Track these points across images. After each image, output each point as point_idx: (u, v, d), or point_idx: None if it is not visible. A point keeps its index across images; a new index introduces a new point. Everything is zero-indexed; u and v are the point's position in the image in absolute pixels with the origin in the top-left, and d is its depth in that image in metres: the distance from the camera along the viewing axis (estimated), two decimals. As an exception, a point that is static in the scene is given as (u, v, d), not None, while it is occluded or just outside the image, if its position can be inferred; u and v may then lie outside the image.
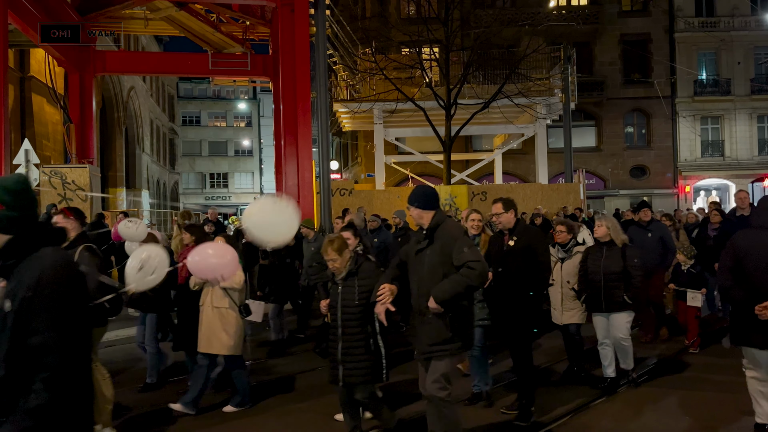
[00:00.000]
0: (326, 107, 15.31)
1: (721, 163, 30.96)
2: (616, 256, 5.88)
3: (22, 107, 19.64)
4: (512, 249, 5.14)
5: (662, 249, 7.84)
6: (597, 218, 6.19)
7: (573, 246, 6.34)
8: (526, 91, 20.10)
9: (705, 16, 30.89)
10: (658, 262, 7.83)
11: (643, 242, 7.71)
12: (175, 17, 19.04)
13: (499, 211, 5.21)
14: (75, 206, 14.94)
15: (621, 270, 5.80)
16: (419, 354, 4.24)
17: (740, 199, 8.33)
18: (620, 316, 5.84)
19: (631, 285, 5.79)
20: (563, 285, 6.24)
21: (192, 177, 55.68)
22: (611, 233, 5.98)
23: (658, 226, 8.07)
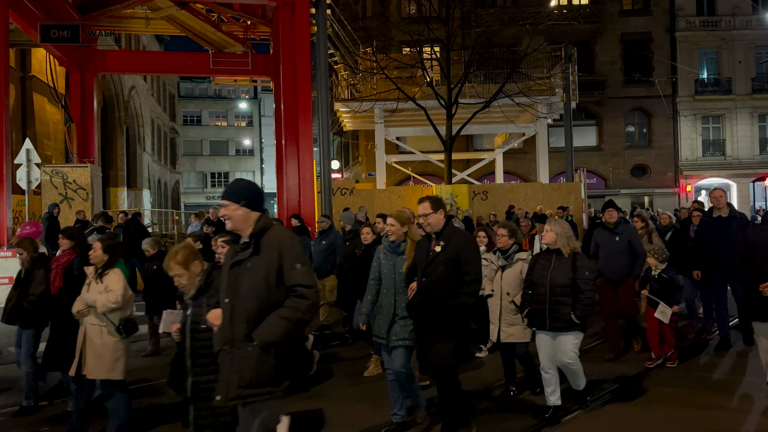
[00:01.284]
0: (327, 106, 15.33)
1: (722, 163, 30.94)
2: (566, 266, 5.06)
3: (23, 107, 19.67)
4: (438, 255, 4.41)
5: (631, 254, 7.05)
6: (547, 221, 5.31)
7: (514, 252, 5.65)
8: (527, 91, 20.10)
9: (706, 15, 30.87)
10: (627, 269, 7.07)
11: (610, 247, 7.13)
12: (175, 17, 19.04)
13: (427, 211, 4.48)
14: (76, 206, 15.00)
15: (569, 283, 5.01)
16: (225, 400, 3.23)
17: (716, 199, 7.43)
18: (566, 338, 5.06)
19: (579, 302, 4.98)
20: (503, 297, 5.56)
21: (193, 176, 55.71)
22: (560, 239, 5.14)
23: (626, 228, 7.26)
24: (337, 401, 5.82)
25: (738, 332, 7.75)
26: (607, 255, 7.12)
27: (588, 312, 5.02)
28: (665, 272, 6.72)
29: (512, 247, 5.66)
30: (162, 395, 5.99)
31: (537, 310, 5.12)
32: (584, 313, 5.00)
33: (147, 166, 34.38)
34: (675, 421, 5.21)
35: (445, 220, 4.54)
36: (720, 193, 7.52)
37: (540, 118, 22.11)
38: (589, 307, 5.01)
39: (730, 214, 7.30)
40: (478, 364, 7.05)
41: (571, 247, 5.13)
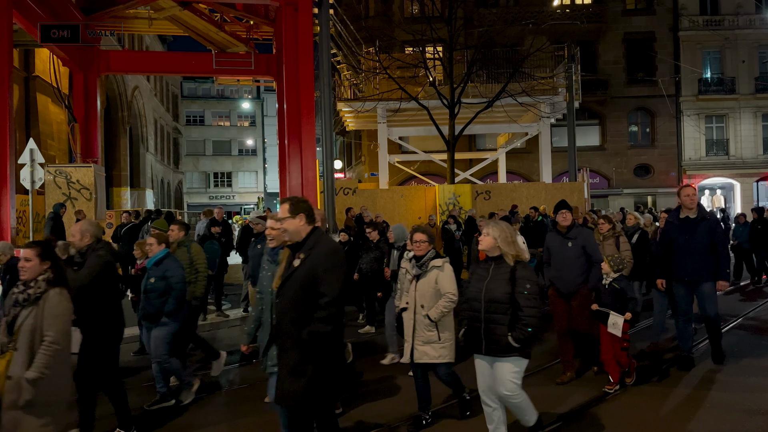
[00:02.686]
0: (330, 106, 15.33)
1: (725, 162, 30.87)
2: (504, 277, 4.23)
3: (26, 107, 19.71)
4: (295, 271, 3.55)
5: (586, 263, 6.21)
6: (485, 224, 4.50)
7: (429, 259, 4.97)
8: (529, 90, 20.08)
9: (709, 14, 30.81)
10: (581, 280, 6.21)
11: (562, 254, 6.29)
12: (179, 17, 19.05)
13: (283, 215, 3.61)
14: (79, 206, 15.03)
15: (507, 298, 4.19)
16: None
17: (687, 197, 6.53)
18: (504, 365, 4.24)
19: (518, 321, 4.16)
20: (417, 310, 4.89)
21: (196, 176, 55.79)
22: (500, 245, 4.31)
23: (581, 233, 6.33)
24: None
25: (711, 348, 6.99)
26: (559, 263, 6.31)
27: (528, 334, 4.13)
28: (617, 282, 6.00)
29: (428, 253, 4.98)
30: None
31: (472, 329, 4.32)
32: (524, 336, 4.12)
33: (150, 166, 34.44)
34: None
35: (311, 228, 3.62)
36: (691, 191, 6.65)
37: (543, 117, 22.08)
38: (530, 328, 4.13)
39: (699, 215, 6.55)
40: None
41: (514, 254, 4.27)
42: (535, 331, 4.16)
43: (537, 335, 4.28)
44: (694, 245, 6.43)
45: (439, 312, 4.82)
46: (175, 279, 5.86)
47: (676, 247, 6.58)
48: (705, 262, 6.45)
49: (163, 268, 5.87)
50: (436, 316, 4.82)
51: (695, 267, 6.47)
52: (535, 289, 4.21)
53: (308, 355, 3.46)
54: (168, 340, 5.84)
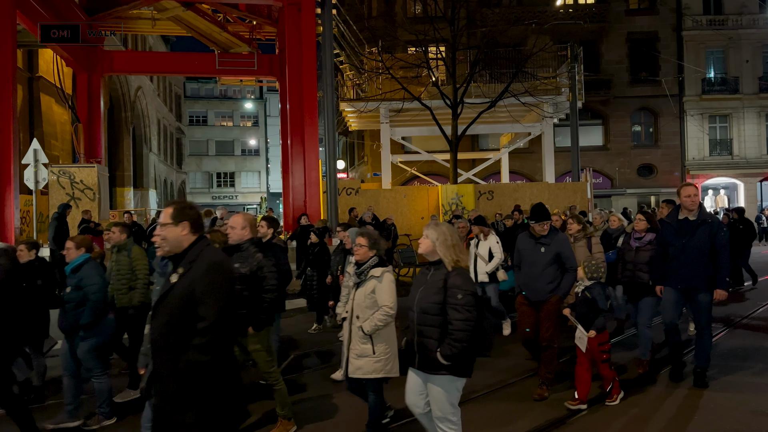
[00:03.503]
0: (333, 106, 15.34)
1: (729, 162, 30.80)
2: (438, 285, 3.81)
3: (30, 107, 19.77)
4: (172, 290, 2.97)
5: (558, 269, 5.77)
6: (426, 226, 4.08)
7: (369, 268, 4.51)
8: (532, 90, 20.07)
9: (713, 14, 30.75)
10: (552, 288, 5.74)
11: (533, 259, 5.82)
12: (182, 17, 19.10)
13: (166, 221, 3.06)
14: (83, 206, 15.06)
15: (438, 309, 3.78)
16: None
17: (688, 198, 5.88)
18: (436, 385, 3.82)
19: (448, 335, 3.71)
20: (353, 321, 4.50)
21: (199, 176, 55.88)
22: (438, 249, 3.89)
23: (556, 238, 5.84)
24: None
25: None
26: (529, 270, 5.84)
27: (457, 350, 3.67)
28: (590, 290, 5.51)
29: (369, 260, 4.53)
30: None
31: (408, 341, 3.96)
32: (452, 352, 3.67)
33: (153, 166, 34.51)
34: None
35: (194, 238, 3.06)
36: (692, 191, 5.91)
37: (546, 117, 22.06)
38: (461, 343, 3.67)
39: (699, 216, 5.89)
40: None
41: (453, 260, 3.84)
42: (467, 346, 3.68)
43: (485, 351, 3.86)
44: (691, 250, 5.83)
45: (373, 325, 4.38)
46: (92, 289, 5.27)
47: (672, 251, 5.98)
48: (702, 269, 5.83)
49: (80, 277, 5.32)
50: (370, 329, 4.38)
51: (690, 274, 5.86)
52: (468, 300, 3.72)
53: (186, 387, 2.89)
54: (93, 355, 5.32)
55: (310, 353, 7.88)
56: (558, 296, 5.73)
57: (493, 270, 8.14)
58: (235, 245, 4.99)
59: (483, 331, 3.83)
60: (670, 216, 6.18)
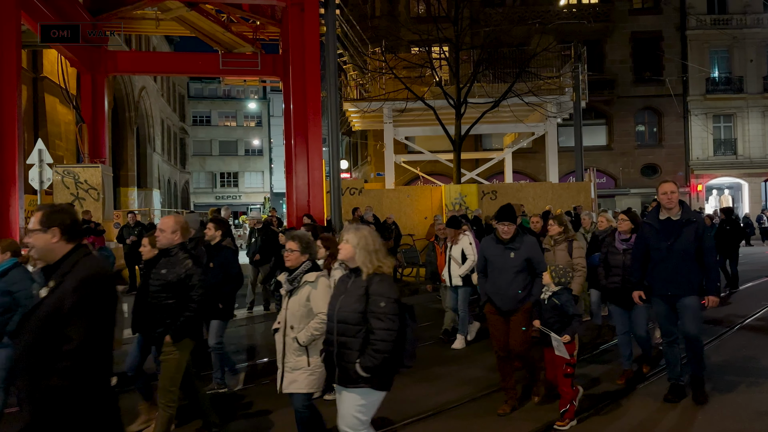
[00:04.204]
0: (336, 106, 15.35)
1: (733, 162, 30.72)
2: (359, 293, 3.55)
3: (35, 107, 19.83)
4: (39, 306, 2.62)
5: (529, 276, 5.45)
6: (344, 229, 3.88)
7: (302, 273, 4.17)
8: (536, 90, 20.06)
9: (717, 13, 30.67)
10: (523, 295, 5.40)
11: (500, 265, 5.46)
12: (185, 17, 19.12)
13: (34, 227, 2.75)
14: (87, 206, 15.12)
15: (359, 318, 3.50)
16: None
17: (665, 195, 5.41)
18: (349, 397, 3.56)
19: (369, 345, 3.45)
20: (286, 332, 4.15)
21: (202, 176, 55.99)
22: (359, 255, 3.60)
23: (525, 241, 5.48)
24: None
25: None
26: (497, 277, 5.48)
27: (379, 361, 3.41)
28: (558, 296, 5.14)
29: (301, 266, 4.18)
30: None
31: (328, 353, 3.67)
32: (373, 363, 3.41)
33: (157, 166, 34.58)
34: None
35: (70, 247, 2.71)
36: (669, 188, 5.44)
37: (549, 117, 22.05)
38: (382, 354, 3.41)
39: (683, 216, 5.42)
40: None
41: (374, 266, 3.56)
42: (389, 357, 3.42)
43: (408, 362, 3.59)
44: (677, 253, 5.35)
45: (309, 335, 4.07)
46: (22, 294, 4.91)
47: (656, 254, 5.47)
48: (690, 273, 5.37)
49: (9, 281, 4.98)
50: (305, 340, 4.07)
51: (678, 279, 5.38)
52: (391, 308, 3.45)
53: (41, 417, 2.51)
54: (7, 365, 4.94)
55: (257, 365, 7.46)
56: (530, 304, 5.37)
57: (467, 273, 7.82)
58: (166, 249, 4.61)
59: (406, 340, 3.57)
60: (651, 216, 5.65)
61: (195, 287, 4.55)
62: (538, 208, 16.69)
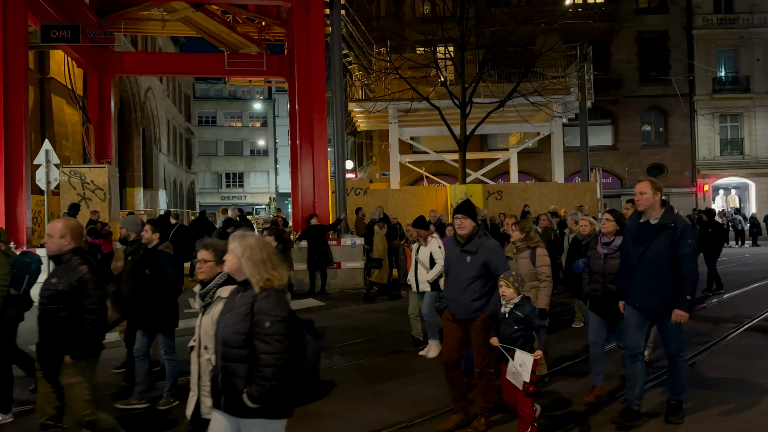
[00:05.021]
0: (341, 107, 15.37)
1: (740, 162, 30.58)
2: (243, 310, 3.06)
3: (41, 108, 19.93)
4: None
5: (487, 283, 4.88)
6: (231, 237, 3.26)
7: (216, 287, 3.53)
8: (541, 90, 20.03)
9: (724, 12, 30.54)
10: (479, 304, 4.85)
11: (456, 270, 4.94)
12: (191, 18, 19.19)
13: None
14: (94, 206, 15.18)
15: (242, 341, 3.00)
16: None
17: (636, 194, 4.96)
18: (250, 428, 3.07)
19: (255, 372, 2.96)
20: (200, 352, 3.58)
21: (208, 177, 56.12)
22: (245, 266, 3.09)
23: (483, 245, 4.88)
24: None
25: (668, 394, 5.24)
26: (453, 282, 4.99)
27: (266, 390, 2.92)
28: (521, 308, 4.63)
29: (215, 278, 3.61)
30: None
31: (213, 377, 3.22)
32: (262, 392, 2.93)
33: (163, 166, 34.69)
34: None
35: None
36: (642, 187, 4.91)
37: (555, 117, 22.00)
38: (270, 381, 2.91)
39: (660, 219, 4.87)
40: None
41: (265, 278, 3.04)
42: (278, 384, 2.93)
43: (308, 383, 3.19)
44: (649, 260, 4.84)
45: None
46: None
47: (631, 260, 5.03)
48: (662, 284, 4.82)
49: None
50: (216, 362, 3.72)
51: (649, 290, 4.87)
52: (278, 328, 2.95)
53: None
54: None
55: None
56: (487, 315, 4.82)
57: (435, 278, 7.24)
58: (57, 256, 4.17)
59: (304, 360, 3.15)
60: (631, 219, 5.19)
61: (90, 296, 4.06)
62: (544, 208, 16.65)
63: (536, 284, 5.91)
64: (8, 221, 12.97)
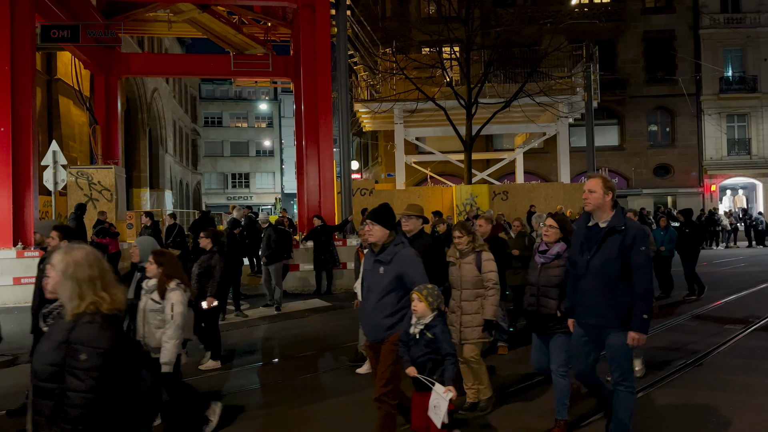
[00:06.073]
0: (347, 107, 15.39)
1: (747, 162, 30.42)
2: (59, 337, 2.58)
3: (49, 109, 20.03)
4: None
5: (402, 298, 4.21)
6: (55, 251, 3.09)
7: (60, 306, 2.98)
8: (547, 90, 19.98)
9: (730, 12, 30.40)
10: (392, 322, 4.21)
11: (371, 284, 4.34)
12: (197, 19, 19.25)
13: None
14: (101, 207, 15.25)
15: (52, 373, 2.48)
16: None
17: (584, 192, 4.40)
18: None
19: (61, 412, 2.43)
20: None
21: (214, 177, 56.28)
22: (63, 286, 2.57)
23: (399, 254, 4.24)
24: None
25: None
26: (366, 297, 4.41)
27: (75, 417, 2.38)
28: (432, 328, 3.91)
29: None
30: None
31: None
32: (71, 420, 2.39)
33: (169, 167, 34.79)
34: None
35: None
36: (591, 184, 4.34)
37: (561, 117, 21.96)
38: (76, 425, 2.38)
39: (610, 222, 4.24)
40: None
41: (86, 302, 2.50)
42: (86, 429, 2.39)
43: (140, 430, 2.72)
44: (593, 270, 4.18)
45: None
46: None
47: (577, 271, 4.34)
48: (612, 298, 4.12)
49: None
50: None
51: (598, 305, 4.17)
52: (94, 362, 2.39)
53: None
54: None
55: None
56: (398, 334, 4.11)
57: None
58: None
59: (138, 402, 2.65)
60: (579, 221, 4.50)
61: None
62: (550, 209, 16.62)
63: (483, 292, 5.24)
64: (16, 222, 13.04)
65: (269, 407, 5.77)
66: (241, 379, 6.87)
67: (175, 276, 4.67)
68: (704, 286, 11.65)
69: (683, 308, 10.41)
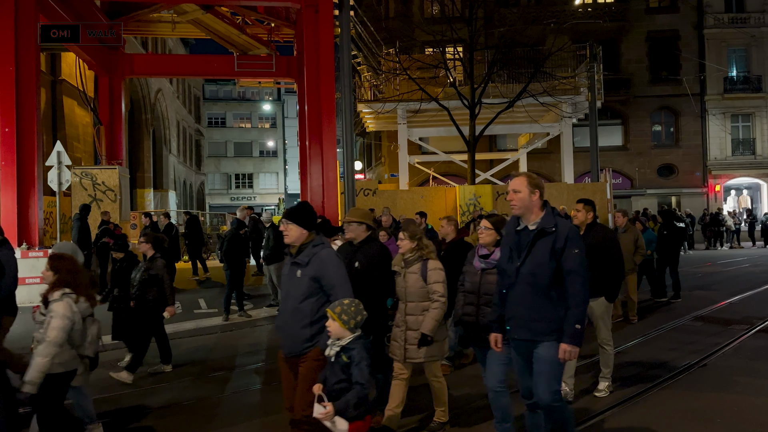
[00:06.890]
0: (350, 108, 15.37)
1: (752, 162, 30.32)
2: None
3: (53, 110, 20.10)
4: None
5: (321, 307, 3.76)
6: None
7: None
8: (551, 90, 19.94)
9: (735, 11, 30.30)
10: (310, 333, 3.74)
11: (287, 291, 3.92)
12: (201, 20, 19.30)
13: None
14: (105, 207, 15.28)
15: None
16: None
17: (509, 192, 4.02)
18: None
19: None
20: None
21: (217, 178, 56.38)
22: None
23: (316, 255, 3.83)
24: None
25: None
26: (283, 306, 4.02)
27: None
28: (347, 351, 3.39)
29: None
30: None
31: None
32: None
33: (173, 167, 34.86)
34: None
35: None
36: (516, 184, 3.94)
37: (564, 117, 21.91)
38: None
39: (540, 224, 3.83)
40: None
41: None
42: None
43: None
44: (523, 278, 3.77)
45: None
46: None
47: (506, 279, 3.92)
48: (543, 308, 3.73)
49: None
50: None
51: (529, 317, 3.76)
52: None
53: None
54: None
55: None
56: (320, 348, 3.63)
57: None
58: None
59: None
60: (508, 226, 4.09)
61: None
62: (553, 209, 16.58)
63: (429, 305, 4.70)
64: (21, 222, 13.10)
65: (269, 407, 5.76)
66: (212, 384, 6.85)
67: (73, 284, 4.14)
68: (680, 294, 11.32)
69: (687, 309, 10.38)
